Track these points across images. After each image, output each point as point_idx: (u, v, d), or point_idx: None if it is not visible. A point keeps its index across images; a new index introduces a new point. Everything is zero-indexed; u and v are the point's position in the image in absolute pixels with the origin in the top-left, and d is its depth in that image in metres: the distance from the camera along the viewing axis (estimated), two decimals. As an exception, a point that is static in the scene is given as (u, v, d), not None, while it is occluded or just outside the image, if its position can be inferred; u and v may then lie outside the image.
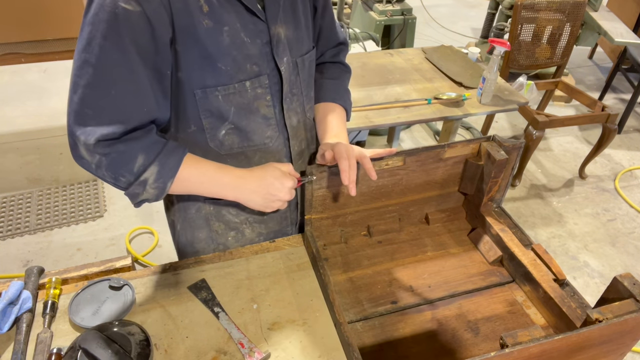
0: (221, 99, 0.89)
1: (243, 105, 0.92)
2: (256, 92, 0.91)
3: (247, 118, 0.94)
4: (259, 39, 0.87)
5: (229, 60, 0.85)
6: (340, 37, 1.13)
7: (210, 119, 0.92)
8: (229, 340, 0.88)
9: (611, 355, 0.86)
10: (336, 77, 1.12)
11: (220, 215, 1.08)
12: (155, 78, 0.80)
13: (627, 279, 0.82)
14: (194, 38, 0.80)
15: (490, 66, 1.91)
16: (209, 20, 0.80)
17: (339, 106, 1.08)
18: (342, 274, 1.04)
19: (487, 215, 1.10)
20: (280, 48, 0.90)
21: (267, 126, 0.97)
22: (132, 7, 0.71)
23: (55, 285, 0.94)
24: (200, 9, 0.78)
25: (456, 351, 0.89)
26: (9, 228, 2.38)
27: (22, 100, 3.40)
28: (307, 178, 0.96)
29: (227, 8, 0.81)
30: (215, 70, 0.85)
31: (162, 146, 0.82)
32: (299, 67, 0.97)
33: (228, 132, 0.95)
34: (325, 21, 1.06)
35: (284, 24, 0.90)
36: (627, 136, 3.36)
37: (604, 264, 2.39)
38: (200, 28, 0.79)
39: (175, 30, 0.77)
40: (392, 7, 3.25)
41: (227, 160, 0.99)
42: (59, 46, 2.21)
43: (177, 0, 0.76)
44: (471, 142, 1.06)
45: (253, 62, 0.88)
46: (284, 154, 1.03)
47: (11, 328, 0.87)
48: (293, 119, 1.01)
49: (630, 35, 3.07)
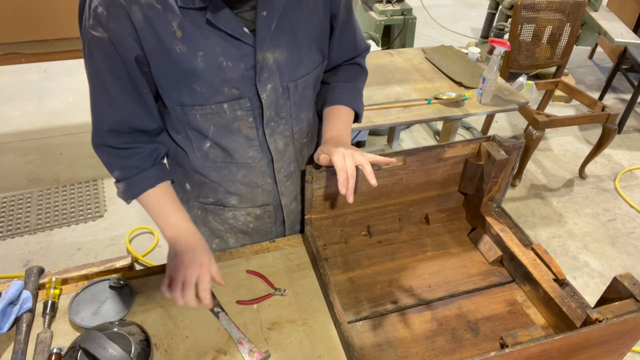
0: (199, 118, 0.90)
1: (222, 125, 0.92)
2: (235, 114, 0.90)
3: (227, 137, 0.94)
4: (243, 63, 0.85)
5: (204, 83, 0.85)
6: (360, 49, 1.08)
7: (194, 132, 0.94)
8: (229, 340, 0.88)
9: (611, 355, 0.86)
10: (350, 80, 1.07)
11: (206, 221, 1.09)
12: (135, 93, 0.85)
13: (627, 279, 0.82)
14: (166, 61, 0.82)
15: (490, 66, 1.91)
16: (183, 45, 0.80)
17: (347, 108, 1.04)
18: (342, 274, 1.04)
19: (487, 215, 1.10)
20: (265, 74, 0.87)
21: (250, 147, 0.96)
22: (99, 34, 0.77)
23: (55, 285, 0.94)
24: (173, 34, 0.79)
25: (456, 351, 0.89)
26: (9, 228, 2.38)
27: (22, 100, 3.40)
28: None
29: (205, 33, 0.80)
30: (190, 91, 0.86)
31: (136, 172, 0.90)
32: (290, 91, 0.93)
33: (211, 147, 0.96)
34: (348, 35, 1.02)
35: (277, 47, 0.86)
36: (627, 136, 3.36)
37: (604, 264, 2.39)
38: (172, 52, 0.80)
39: (146, 53, 0.81)
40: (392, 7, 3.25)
41: (211, 173, 1.00)
42: (59, 46, 2.21)
43: (147, 27, 0.77)
44: (471, 142, 1.06)
45: (232, 85, 0.86)
46: (268, 174, 1.02)
47: (11, 328, 0.87)
48: (279, 143, 0.99)
49: (630, 35, 3.07)
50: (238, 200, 1.05)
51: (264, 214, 1.08)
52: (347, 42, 1.03)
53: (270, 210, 1.08)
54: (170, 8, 0.77)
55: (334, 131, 1.00)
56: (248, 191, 1.03)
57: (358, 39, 1.06)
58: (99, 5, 0.75)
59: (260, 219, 1.09)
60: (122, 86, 0.83)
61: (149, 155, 0.92)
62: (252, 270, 1.01)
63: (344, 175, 0.86)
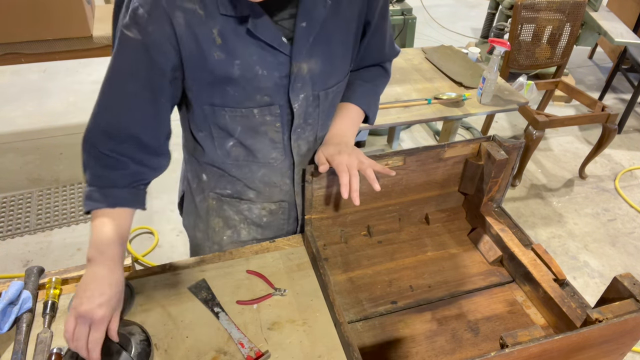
0: (228, 118, 0.90)
1: (250, 126, 0.92)
2: (264, 118, 0.90)
3: (253, 138, 0.94)
4: (277, 72, 0.84)
5: (238, 89, 0.85)
6: (388, 55, 1.06)
7: (218, 131, 0.93)
8: (229, 340, 0.88)
9: (611, 355, 0.86)
10: (370, 80, 1.06)
11: (220, 210, 1.08)
12: (152, 102, 0.82)
13: (627, 279, 0.82)
14: (203, 66, 0.81)
15: (490, 66, 1.91)
16: (221, 52, 0.80)
17: (358, 107, 1.03)
18: (342, 274, 1.04)
19: (487, 215, 1.10)
20: (299, 84, 0.87)
21: (274, 149, 0.97)
22: (133, 34, 0.76)
23: (55, 285, 0.94)
24: (213, 41, 0.79)
25: (456, 351, 0.89)
26: (9, 228, 2.38)
27: (22, 100, 3.40)
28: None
29: (244, 41, 0.80)
30: (223, 93, 0.85)
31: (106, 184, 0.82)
32: (321, 99, 0.93)
33: (235, 145, 0.96)
34: (376, 40, 1.00)
35: (312, 58, 0.86)
36: (627, 136, 3.36)
37: (604, 264, 2.39)
38: (210, 58, 0.80)
39: (183, 58, 0.80)
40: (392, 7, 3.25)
41: (233, 169, 1.00)
42: (59, 46, 2.20)
43: (188, 33, 0.77)
44: (471, 142, 1.06)
45: (265, 93, 0.86)
46: (288, 175, 1.03)
47: (11, 328, 0.87)
48: (302, 147, 0.99)
49: (630, 35, 3.07)
50: (255, 195, 1.05)
51: (278, 209, 1.08)
52: (374, 46, 1.02)
53: (285, 207, 1.08)
54: (212, 15, 0.77)
55: (338, 129, 0.99)
56: (266, 189, 1.04)
57: (387, 45, 1.04)
58: (140, 7, 0.74)
59: (275, 214, 1.09)
60: (140, 91, 0.81)
61: (129, 175, 0.84)
62: (252, 270, 1.01)
63: (346, 179, 0.86)
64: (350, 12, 0.88)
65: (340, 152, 0.91)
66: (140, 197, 0.86)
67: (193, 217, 1.13)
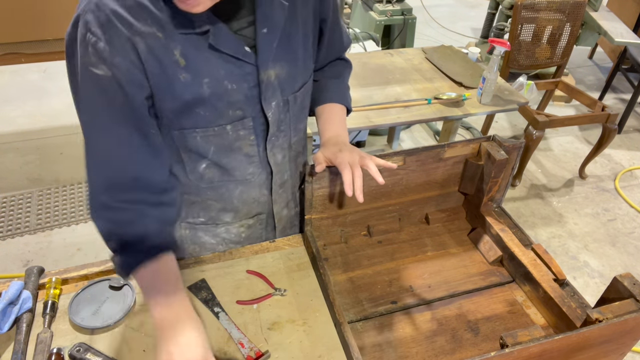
0: (199, 139, 0.86)
1: (223, 145, 0.88)
2: (238, 134, 0.88)
3: (227, 156, 0.91)
4: (246, 83, 0.82)
5: (209, 108, 0.81)
6: (346, 45, 1.07)
7: (189, 154, 0.89)
8: (229, 340, 0.88)
9: (611, 355, 0.86)
10: (338, 76, 1.08)
11: (195, 237, 1.06)
12: (141, 137, 0.76)
13: (627, 279, 0.82)
14: (171, 92, 0.77)
15: (490, 66, 1.91)
16: (186, 73, 0.76)
17: (339, 105, 1.05)
18: (342, 274, 1.04)
19: (487, 215, 1.10)
20: (269, 92, 0.85)
21: (250, 163, 0.94)
22: (102, 72, 0.70)
23: (55, 285, 0.94)
24: (176, 63, 0.74)
25: (456, 351, 0.89)
26: (9, 228, 2.38)
27: (22, 100, 3.39)
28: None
29: (208, 58, 0.76)
30: (193, 115, 0.81)
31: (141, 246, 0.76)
32: (290, 103, 0.92)
33: (208, 167, 0.92)
34: (335, 35, 1.00)
35: (277, 63, 0.84)
36: (627, 136, 3.36)
37: (604, 264, 2.39)
38: (177, 83, 0.76)
39: (151, 85, 0.75)
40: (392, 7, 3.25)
41: (208, 192, 0.97)
42: (59, 46, 2.20)
43: (151, 59, 0.72)
44: (471, 142, 1.06)
45: (237, 107, 0.83)
46: (266, 187, 1.01)
47: (11, 328, 0.87)
48: (278, 156, 0.97)
49: (630, 35, 3.07)
50: (232, 217, 1.03)
51: (256, 222, 1.08)
52: (335, 42, 1.02)
53: (263, 219, 1.08)
54: (172, 35, 0.73)
55: (332, 131, 0.99)
56: (244, 206, 1.02)
57: (344, 36, 1.05)
58: (99, 40, 0.68)
59: (252, 227, 1.08)
60: (126, 131, 0.74)
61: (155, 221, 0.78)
62: (252, 270, 1.01)
63: (349, 177, 0.85)
64: (305, 11, 0.87)
65: (341, 151, 0.90)
66: (172, 237, 0.82)
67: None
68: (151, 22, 0.71)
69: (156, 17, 0.71)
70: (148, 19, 0.71)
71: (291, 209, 1.13)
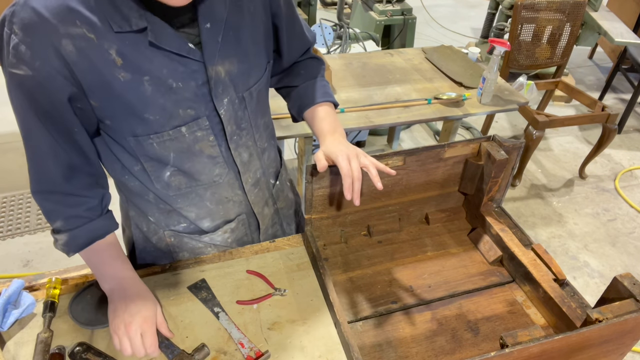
0: (157, 146, 0.84)
1: (183, 149, 0.87)
2: (195, 135, 0.86)
3: (190, 160, 0.89)
4: (193, 81, 0.80)
5: (157, 109, 0.79)
6: (311, 40, 1.06)
7: (151, 163, 0.88)
8: (229, 340, 0.88)
9: (611, 355, 0.87)
10: (314, 76, 1.06)
11: (182, 244, 1.05)
12: (65, 135, 0.78)
13: (627, 279, 0.82)
14: (110, 92, 0.76)
15: (490, 66, 1.91)
16: (125, 72, 0.74)
17: (327, 103, 1.04)
18: (342, 274, 1.04)
19: (487, 215, 1.10)
20: (220, 89, 0.83)
21: (214, 165, 0.93)
22: (23, 72, 0.70)
23: (55, 285, 0.94)
24: (113, 63, 0.73)
25: (456, 351, 0.89)
26: (9, 228, 2.39)
27: (22, 100, 3.39)
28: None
29: (149, 56, 0.75)
30: (143, 120, 0.80)
31: (83, 222, 0.85)
32: (247, 100, 0.90)
33: (173, 174, 0.91)
34: (295, 29, 0.99)
35: (226, 59, 0.82)
36: (627, 136, 3.37)
37: (604, 264, 2.39)
38: (116, 82, 0.74)
39: (85, 88, 0.74)
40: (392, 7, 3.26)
41: (179, 200, 0.96)
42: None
43: (81, 61, 0.71)
44: (471, 142, 1.06)
45: (187, 106, 0.82)
46: (237, 186, 1.00)
47: (11, 327, 0.87)
48: (244, 155, 0.96)
49: (630, 35, 3.07)
50: (211, 221, 1.03)
51: (238, 224, 1.07)
52: (297, 36, 1.01)
53: (244, 219, 1.07)
54: (105, 35, 0.71)
55: (328, 129, 0.99)
56: (219, 208, 1.01)
57: (306, 30, 1.04)
58: (21, 43, 0.68)
59: (236, 230, 1.08)
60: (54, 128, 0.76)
61: (98, 204, 0.86)
62: (252, 270, 1.01)
63: (349, 181, 0.86)
64: (253, 5, 0.85)
65: (341, 151, 0.90)
66: (113, 218, 0.91)
67: (152, 259, 1.09)
68: (80, 24, 0.70)
69: (86, 18, 0.70)
70: (76, 21, 0.69)
71: (271, 207, 1.13)
